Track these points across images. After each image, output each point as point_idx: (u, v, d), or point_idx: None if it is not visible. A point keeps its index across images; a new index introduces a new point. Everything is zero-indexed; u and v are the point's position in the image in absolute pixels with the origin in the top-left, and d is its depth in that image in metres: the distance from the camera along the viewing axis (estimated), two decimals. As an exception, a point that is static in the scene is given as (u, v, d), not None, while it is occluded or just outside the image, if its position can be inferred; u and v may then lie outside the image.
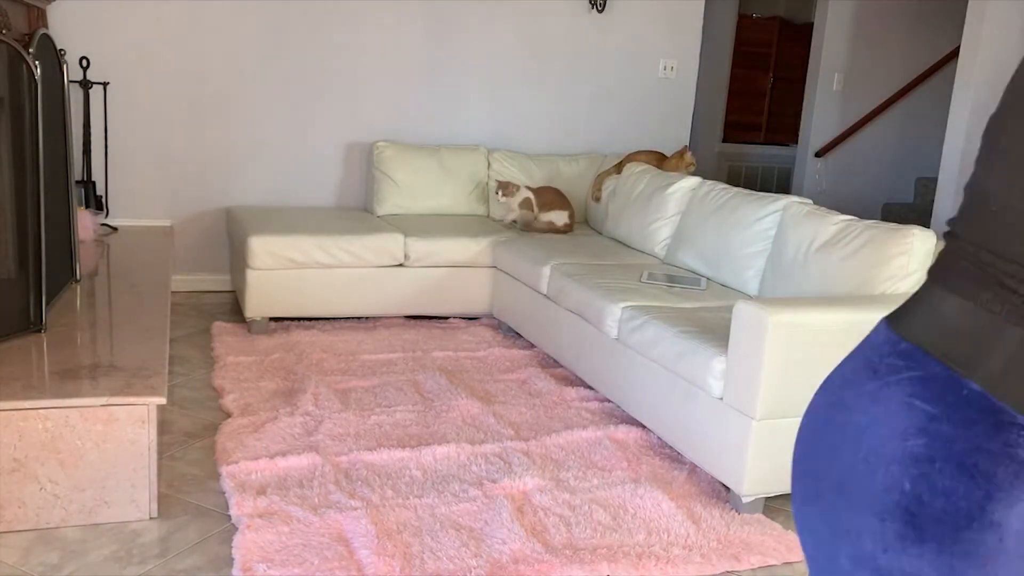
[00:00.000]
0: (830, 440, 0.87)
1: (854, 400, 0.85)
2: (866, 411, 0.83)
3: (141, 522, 2.43)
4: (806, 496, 0.89)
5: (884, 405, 0.82)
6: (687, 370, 2.82)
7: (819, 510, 0.87)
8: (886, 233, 2.94)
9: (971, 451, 0.77)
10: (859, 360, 0.88)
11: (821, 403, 0.91)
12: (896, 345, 0.84)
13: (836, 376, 0.91)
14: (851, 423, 0.85)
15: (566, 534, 2.45)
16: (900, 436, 0.80)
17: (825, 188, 6.46)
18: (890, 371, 0.83)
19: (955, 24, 6.30)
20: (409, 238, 4.28)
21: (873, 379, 0.84)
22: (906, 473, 0.79)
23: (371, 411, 3.21)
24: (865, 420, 0.83)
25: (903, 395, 0.81)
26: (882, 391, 0.83)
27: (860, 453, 0.82)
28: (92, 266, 3.77)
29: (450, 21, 4.98)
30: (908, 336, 0.84)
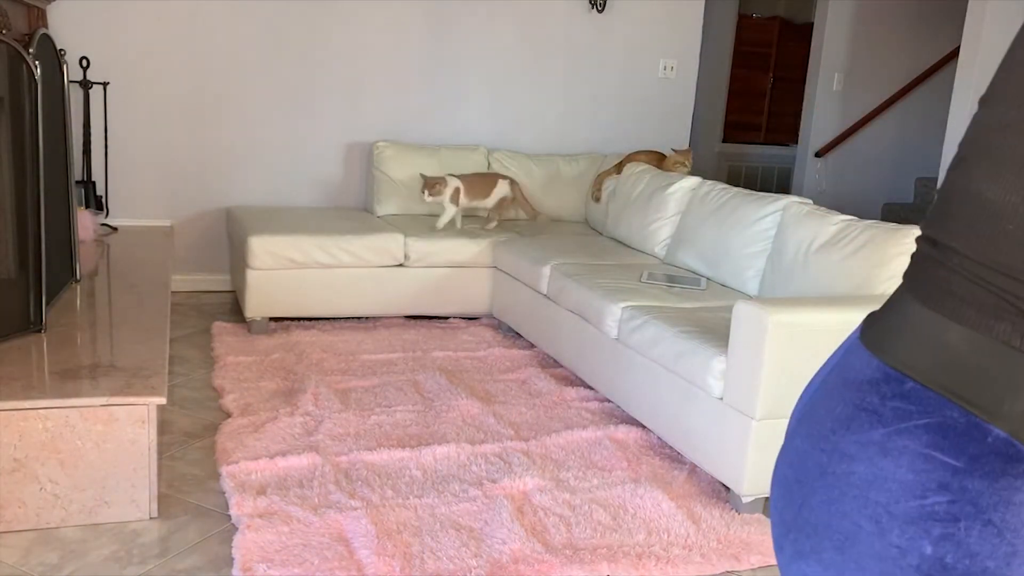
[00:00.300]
0: (827, 493, 0.76)
1: (856, 449, 0.75)
2: (872, 462, 0.73)
3: (141, 522, 2.43)
4: (799, 552, 0.79)
5: (895, 457, 0.72)
6: (687, 370, 2.82)
7: (819, 569, 0.77)
8: (886, 233, 2.94)
9: (998, 506, 0.69)
10: (851, 398, 0.77)
11: (806, 446, 0.80)
12: (900, 384, 0.74)
13: (822, 414, 0.80)
14: (855, 475, 0.74)
15: (566, 534, 2.45)
16: (917, 493, 0.71)
17: (825, 188, 6.46)
18: (898, 416, 0.73)
19: (955, 24, 6.30)
20: (409, 238, 4.28)
21: (878, 425, 0.74)
22: (926, 535, 0.70)
23: (371, 411, 3.21)
24: (872, 473, 0.73)
25: (919, 446, 0.71)
26: (892, 441, 0.73)
27: (867, 510, 0.73)
28: (92, 266, 3.77)
29: (450, 21, 4.98)
30: (906, 369, 0.74)
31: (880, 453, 0.73)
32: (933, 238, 0.75)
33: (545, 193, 5.01)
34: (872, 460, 0.73)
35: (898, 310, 0.77)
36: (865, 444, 0.74)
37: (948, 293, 0.72)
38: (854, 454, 0.75)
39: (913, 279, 0.77)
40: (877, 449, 0.73)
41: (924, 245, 0.77)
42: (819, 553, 0.76)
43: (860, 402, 0.76)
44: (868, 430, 0.74)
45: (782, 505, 0.82)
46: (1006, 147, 0.70)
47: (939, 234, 0.74)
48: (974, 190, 0.71)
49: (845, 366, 0.80)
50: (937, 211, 0.76)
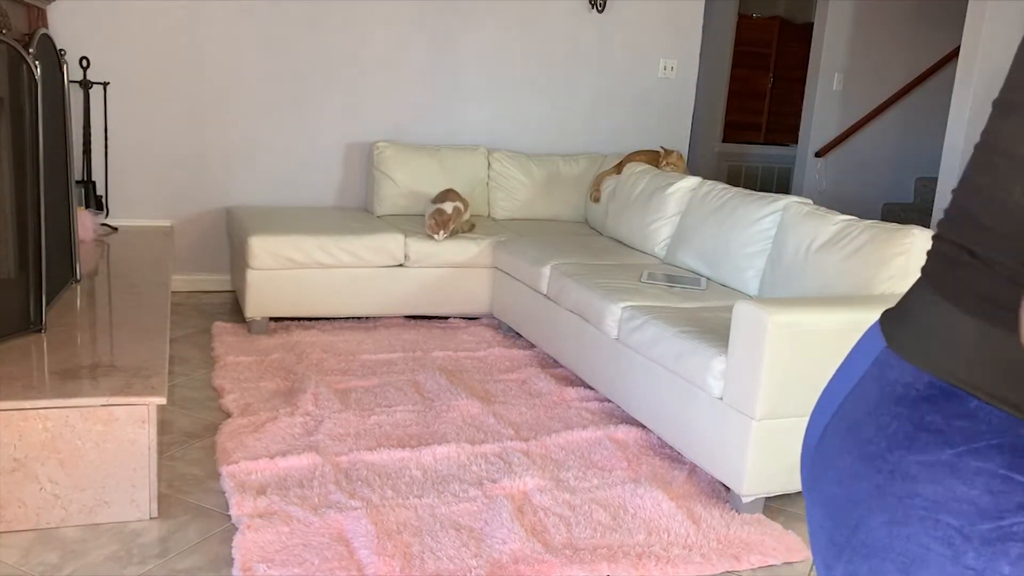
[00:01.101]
0: (889, 515, 0.74)
1: (920, 471, 0.73)
2: (941, 484, 0.72)
3: (141, 522, 2.43)
4: (854, 573, 0.78)
5: (968, 479, 0.71)
6: (687, 370, 2.82)
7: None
8: (886, 233, 2.94)
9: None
10: (906, 415, 0.75)
11: (859, 466, 0.78)
12: (963, 403, 0.72)
13: (871, 432, 0.78)
14: (920, 496, 0.72)
15: (566, 534, 2.45)
16: (995, 515, 0.69)
17: (825, 188, 6.46)
18: (966, 437, 0.71)
19: (955, 24, 6.30)
20: (409, 238, 4.28)
21: (944, 446, 0.72)
22: (1004, 555, 0.69)
23: (371, 411, 3.21)
24: (941, 495, 0.71)
25: (995, 467, 0.70)
26: (963, 461, 0.71)
27: (938, 532, 0.71)
28: (92, 266, 3.77)
29: (450, 21, 4.98)
30: (968, 388, 0.72)
31: (950, 474, 0.71)
32: (970, 248, 0.72)
33: (545, 193, 5.01)
34: (941, 482, 0.71)
35: (939, 321, 0.74)
36: (931, 465, 0.72)
37: (1000, 306, 0.70)
38: (917, 475, 0.72)
39: (949, 287, 0.74)
40: (947, 470, 0.71)
41: (957, 252, 0.74)
42: (879, 575, 0.75)
43: (919, 421, 0.73)
44: (934, 451, 0.72)
45: (831, 525, 0.80)
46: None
47: (977, 245, 0.72)
48: (1012, 205, 0.70)
49: (883, 379, 0.77)
50: (967, 220, 0.73)
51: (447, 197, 4.43)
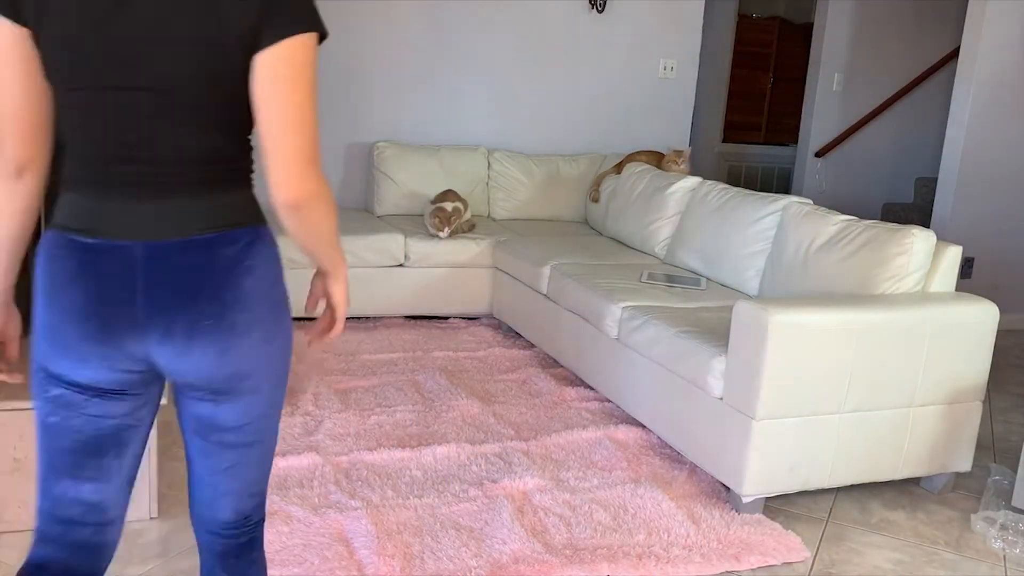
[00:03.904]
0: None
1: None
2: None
3: (141, 522, 2.43)
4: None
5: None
6: (687, 370, 2.82)
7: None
8: (886, 233, 2.94)
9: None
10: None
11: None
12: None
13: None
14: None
15: (566, 534, 2.45)
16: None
17: (825, 188, 6.46)
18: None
19: (955, 24, 6.30)
20: (409, 238, 4.28)
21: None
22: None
23: (371, 411, 3.21)
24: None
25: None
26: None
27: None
28: (92, 266, 3.76)
29: (450, 21, 4.98)
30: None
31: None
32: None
33: (545, 193, 5.01)
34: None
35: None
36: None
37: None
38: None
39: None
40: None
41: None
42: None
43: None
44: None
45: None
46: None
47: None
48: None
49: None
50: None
51: (446, 197, 4.43)
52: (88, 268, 1.31)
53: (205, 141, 1.26)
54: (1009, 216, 5.04)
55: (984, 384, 2.86)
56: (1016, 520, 2.68)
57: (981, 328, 2.79)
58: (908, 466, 2.81)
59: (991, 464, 3.14)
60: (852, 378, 2.62)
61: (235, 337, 1.31)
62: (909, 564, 2.50)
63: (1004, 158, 4.93)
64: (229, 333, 1.30)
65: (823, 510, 2.77)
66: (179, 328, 1.28)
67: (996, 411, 3.82)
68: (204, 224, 1.28)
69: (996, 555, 2.58)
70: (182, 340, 1.29)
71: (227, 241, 1.29)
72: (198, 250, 1.27)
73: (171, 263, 1.27)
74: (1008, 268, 5.09)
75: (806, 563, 2.46)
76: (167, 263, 1.27)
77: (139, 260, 1.26)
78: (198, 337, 1.29)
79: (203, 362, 1.31)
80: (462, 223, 4.45)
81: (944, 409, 2.81)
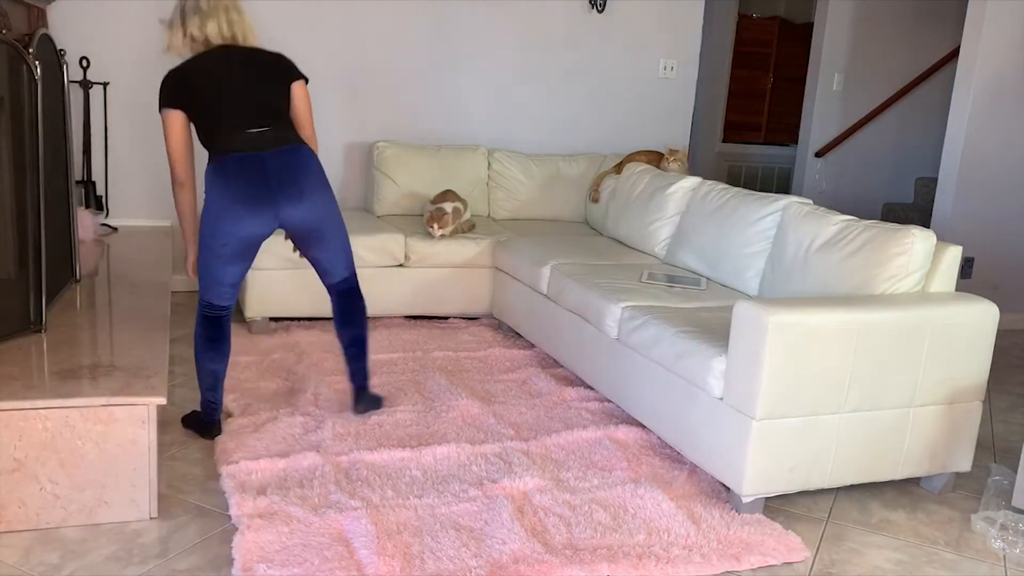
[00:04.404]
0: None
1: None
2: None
3: (141, 522, 2.43)
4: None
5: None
6: (687, 370, 2.82)
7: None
8: (886, 233, 2.94)
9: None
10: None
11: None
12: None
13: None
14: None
15: (566, 534, 2.45)
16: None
17: (825, 188, 6.46)
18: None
19: (955, 24, 6.30)
20: (409, 238, 4.28)
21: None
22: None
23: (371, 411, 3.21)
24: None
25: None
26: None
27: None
28: (92, 266, 3.77)
29: (450, 21, 4.98)
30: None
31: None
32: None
33: (545, 193, 5.01)
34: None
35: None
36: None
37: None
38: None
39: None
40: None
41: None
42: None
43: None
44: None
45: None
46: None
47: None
48: None
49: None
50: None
51: (446, 198, 4.43)
52: (242, 168, 2.75)
53: (284, 119, 2.90)
54: (1009, 216, 5.04)
55: (984, 384, 2.86)
56: (1016, 520, 2.68)
57: (981, 328, 2.79)
58: (908, 466, 2.81)
59: (991, 464, 3.14)
60: (852, 378, 2.62)
61: (319, 193, 2.86)
62: (909, 564, 2.50)
63: (1004, 158, 4.93)
64: (318, 192, 2.85)
65: (823, 510, 2.77)
66: (295, 192, 2.79)
67: (996, 411, 3.82)
68: (291, 143, 2.85)
69: (996, 555, 2.58)
70: (297, 199, 2.80)
71: (303, 148, 2.87)
72: (292, 152, 2.83)
73: (282, 160, 2.79)
74: (1008, 268, 5.09)
75: (806, 563, 2.46)
76: (280, 160, 2.79)
77: (267, 160, 2.78)
78: (306, 196, 2.81)
79: (311, 209, 2.84)
80: (462, 223, 4.45)
81: (944, 409, 2.81)
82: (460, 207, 4.42)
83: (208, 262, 2.78)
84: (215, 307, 2.84)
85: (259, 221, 2.74)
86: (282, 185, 2.74)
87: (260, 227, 2.75)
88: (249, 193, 2.70)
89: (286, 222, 2.81)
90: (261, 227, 2.75)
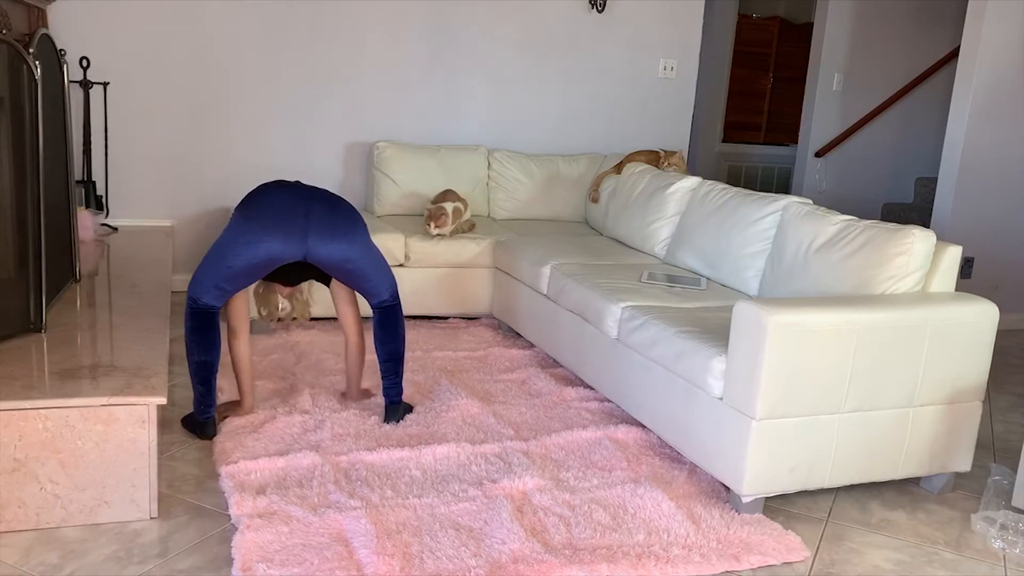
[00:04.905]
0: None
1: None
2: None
3: (141, 522, 2.43)
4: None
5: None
6: (687, 370, 2.82)
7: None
8: (886, 233, 2.94)
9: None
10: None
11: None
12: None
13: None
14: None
15: (566, 534, 2.45)
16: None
17: (825, 188, 6.46)
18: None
19: (955, 24, 6.30)
20: (409, 238, 4.28)
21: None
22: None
23: (371, 411, 3.21)
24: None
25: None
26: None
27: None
28: (92, 266, 3.77)
29: (450, 21, 4.98)
30: None
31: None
32: None
33: (545, 193, 5.01)
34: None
35: None
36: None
37: None
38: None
39: None
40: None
41: None
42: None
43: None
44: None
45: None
46: None
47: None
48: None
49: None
50: None
51: (446, 197, 4.43)
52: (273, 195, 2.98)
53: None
54: (1009, 216, 5.04)
55: (984, 384, 2.86)
56: (1016, 520, 2.68)
57: (981, 328, 2.79)
58: (908, 466, 2.81)
59: (991, 464, 3.14)
60: (852, 378, 2.62)
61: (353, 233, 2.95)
62: (909, 564, 2.50)
63: (1004, 158, 4.93)
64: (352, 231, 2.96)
65: (823, 510, 2.77)
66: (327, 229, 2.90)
67: (996, 411, 3.82)
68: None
69: (996, 555, 2.58)
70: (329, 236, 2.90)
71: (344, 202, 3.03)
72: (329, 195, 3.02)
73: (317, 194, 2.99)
74: (1008, 268, 5.09)
75: (806, 563, 2.46)
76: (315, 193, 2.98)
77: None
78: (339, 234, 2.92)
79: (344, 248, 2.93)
80: (462, 223, 4.45)
81: (944, 409, 2.81)
82: (460, 207, 4.42)
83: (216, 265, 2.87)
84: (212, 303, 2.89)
85: (287, 247, 2.85)
86: (312, 218, 2.86)
87: (288, 252, 2.85)
88: (281, 217, 2.85)
89: (312, 255, 2.88)
90: (289, 252, 2.85)
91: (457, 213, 4.38)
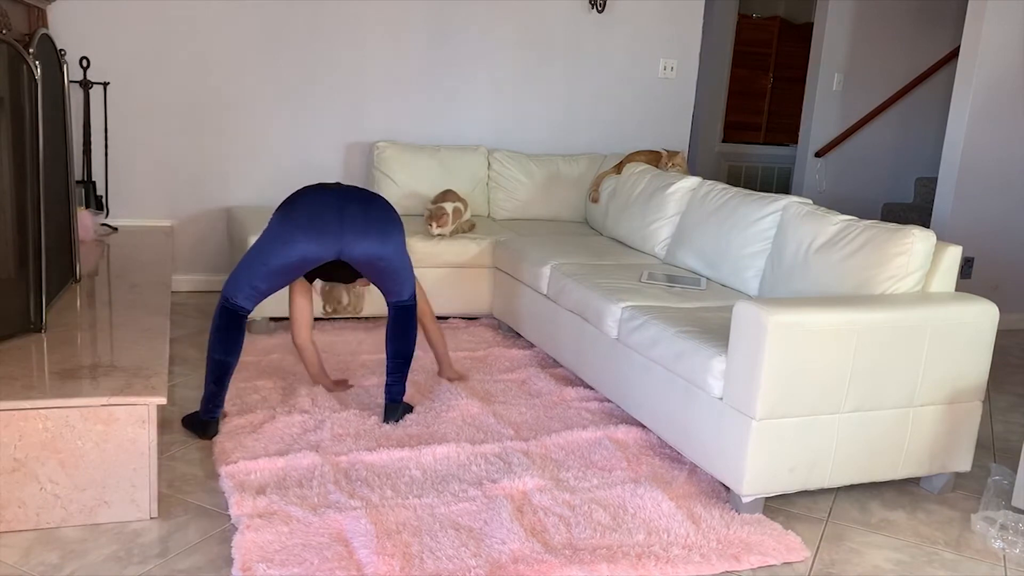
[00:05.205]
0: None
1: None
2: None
3: (141, 522, 2.43)
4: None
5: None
6: (687, 370, 2.82)
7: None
8: (886, 233, 2.94)
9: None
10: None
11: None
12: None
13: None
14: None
15: (566, 534, 2.45)
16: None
17: (825, 188, 6.46)
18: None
19: (955, 24, 6.31)
20: (409, 238, 4.28)
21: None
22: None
23: (371, 411, 3.21)
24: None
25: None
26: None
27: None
28: (92, 266, 3.77)
29: (451, 21, 4.98)
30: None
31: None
32: None
33: (545, 193, 5.01)
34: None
35: None
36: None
37: None
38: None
39: None
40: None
41: None
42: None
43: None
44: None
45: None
46: None
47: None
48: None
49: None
50: None
51: (446, 198, 4.43)
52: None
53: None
54: (1009, 216, 5.04)
55: (984, 384, 2.86)
56: (1016, 520, 2.68)
57: (981, 328, 2.79)
58: (908, 466, 2.81)
59: (991, 464, 3.14)
60: (852, 378, 2.62)
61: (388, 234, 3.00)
62: (909, 564, 2.50)
63: (1004, 158, 4.93)
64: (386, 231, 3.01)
65: (823, 510, 2.77)
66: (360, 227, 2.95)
67: (996, 411, 3.82)
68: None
69: (996, 555, 2.58)
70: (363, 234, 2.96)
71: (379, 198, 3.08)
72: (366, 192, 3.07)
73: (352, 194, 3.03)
74: (1008, 268, 5.09)
75: (806, 563, 2.46)
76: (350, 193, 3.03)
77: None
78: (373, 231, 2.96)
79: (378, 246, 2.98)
80: (462, 223, 4.45)
81: (944, 409, 2.81)
82: (460, 207, 4.42)
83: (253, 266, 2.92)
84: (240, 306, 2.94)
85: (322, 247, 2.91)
86: (346, 218, 2.91)
87: (322, 252, 2.91)
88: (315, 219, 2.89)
89: (346, 254, 2.94)
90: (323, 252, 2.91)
91: (457, 213, 4.38)
